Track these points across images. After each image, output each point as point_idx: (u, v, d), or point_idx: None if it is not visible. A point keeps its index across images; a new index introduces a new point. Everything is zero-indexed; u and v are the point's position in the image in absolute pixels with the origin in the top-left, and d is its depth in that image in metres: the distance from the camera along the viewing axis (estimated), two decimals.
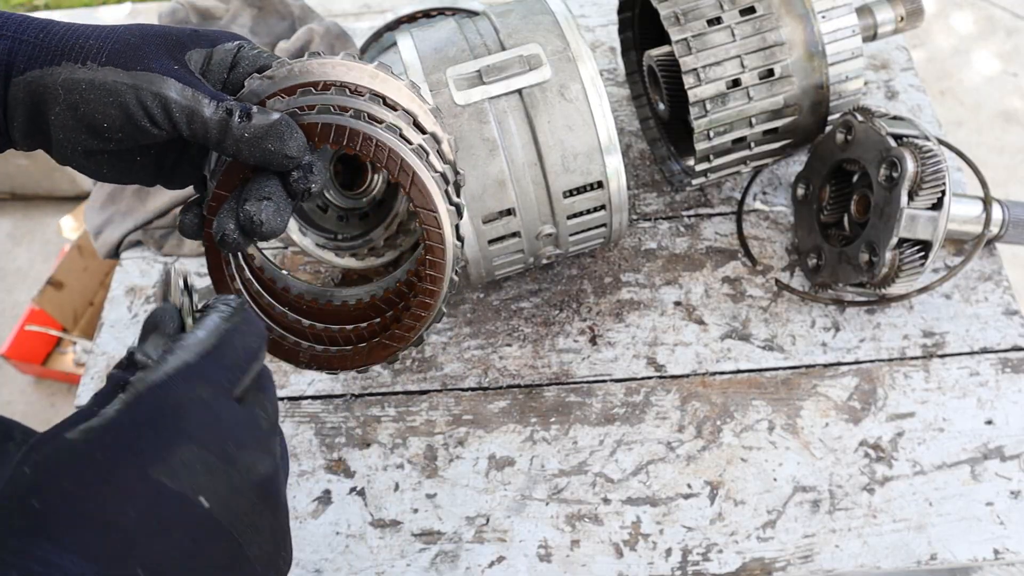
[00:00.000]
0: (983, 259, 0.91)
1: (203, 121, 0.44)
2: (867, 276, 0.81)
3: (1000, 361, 0.85)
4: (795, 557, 0.76)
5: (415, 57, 0.77)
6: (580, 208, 0.79)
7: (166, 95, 0.44)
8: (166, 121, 0.45)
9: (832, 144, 0.86)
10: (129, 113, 0.45)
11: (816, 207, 0.90)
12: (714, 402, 0.85)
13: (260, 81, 0.48)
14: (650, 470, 0.81)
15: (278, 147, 0.44)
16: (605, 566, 0.76)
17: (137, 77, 0.44)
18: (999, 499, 0.77)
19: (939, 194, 0.77)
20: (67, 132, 0.46)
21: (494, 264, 0.82)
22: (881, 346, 0.87)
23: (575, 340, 0.90)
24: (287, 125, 0.44)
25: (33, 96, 0.45)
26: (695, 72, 0.81)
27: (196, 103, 0.44)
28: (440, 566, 0.77)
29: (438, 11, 1.15)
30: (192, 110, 0.44)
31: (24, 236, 2.23)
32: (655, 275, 0.94)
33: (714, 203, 0.99)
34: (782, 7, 0.82)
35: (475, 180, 0.75)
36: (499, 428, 0.85)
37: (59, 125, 0.46)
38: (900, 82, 1.07)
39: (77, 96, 0.45)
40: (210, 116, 0.44)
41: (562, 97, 0.75)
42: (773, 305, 0.91)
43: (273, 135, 0.44)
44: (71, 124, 0.46)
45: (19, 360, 1.89)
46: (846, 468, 0.80)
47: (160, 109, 0.44)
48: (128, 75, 0.44)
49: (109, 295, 1.01)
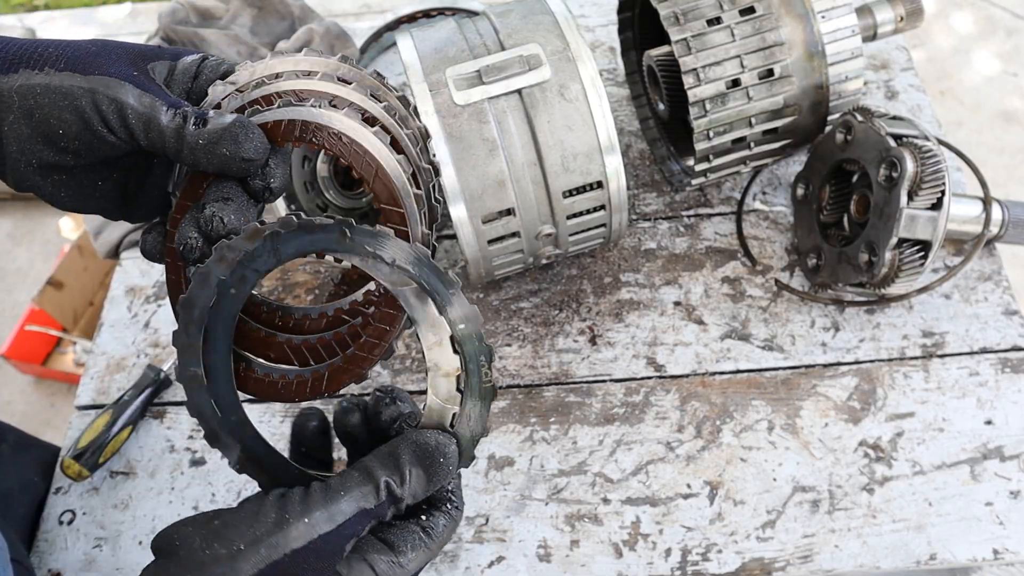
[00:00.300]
0: (983, 259, 0.91)
1: (159, 130, 0.43)
2: (867, 276, 0.81)
3: (1000, 361, 0.85)
4: (795, 557, 0.76)
5: (415, 57, 0.77)
6: (580, 208, 0.79)
7: (123, 100, 0.43)
8: (122, 128, 0.44)
9: (832, 144, 0.86)
10: (85, 118, 0.43)
11: (816, 207, 0.90)
12: (714, 402, 0.85)
13: (224, 86, 0.46)
14: (650, 470, 0.81)
15: (234, 151, 0.43)
16: (605, 566, 0.76)
17: (94, 81, 0.43)
18: (999, 499, 0.77)
19: (939, 194, 0.77)
20: (21, 143, 0.44)
21: (494, 264, 0.82)
22: (881, 346, 0.87)
23: (575, 340, 0.90)
24: (242, 126, 0.43)
25: None
26: (695, 72, 0.81)
27: (152, 110, 0.43)
28: (440, 566, 0.77)
29: (438, 11, 1.16)
30: (149, 117, 0.43)
31: (24, 236, 2.23)
32: (655, 275, 0.94)
33: (714, 203, 0.99)
34: (782, 7, 0.82)
35: (475, 180, 0.75)
36: (499, 428, 0.85)
37: (13, 136, 0.44)
38: (900, 82, 1.07)
39: (32, 101, 0.43)
40: (167, 124, 0.43)
41: (562, 97, 0.75)
42: (773, 305, 0.91)
43: (227, 138, 0.42)
44: (26, 133, 0.44)
45: (19, 360, 1.89)
46: (846, 468, 0.80)
47: (116, 115, 0.43)
48: (85, 79, 0.43)
49: (109, 295, 1.01)
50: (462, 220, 0.76)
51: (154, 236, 0.48)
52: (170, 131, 0.43)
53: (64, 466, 0.84)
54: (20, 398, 1.95)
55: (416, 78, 0.76)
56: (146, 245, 0.48)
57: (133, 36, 2.61)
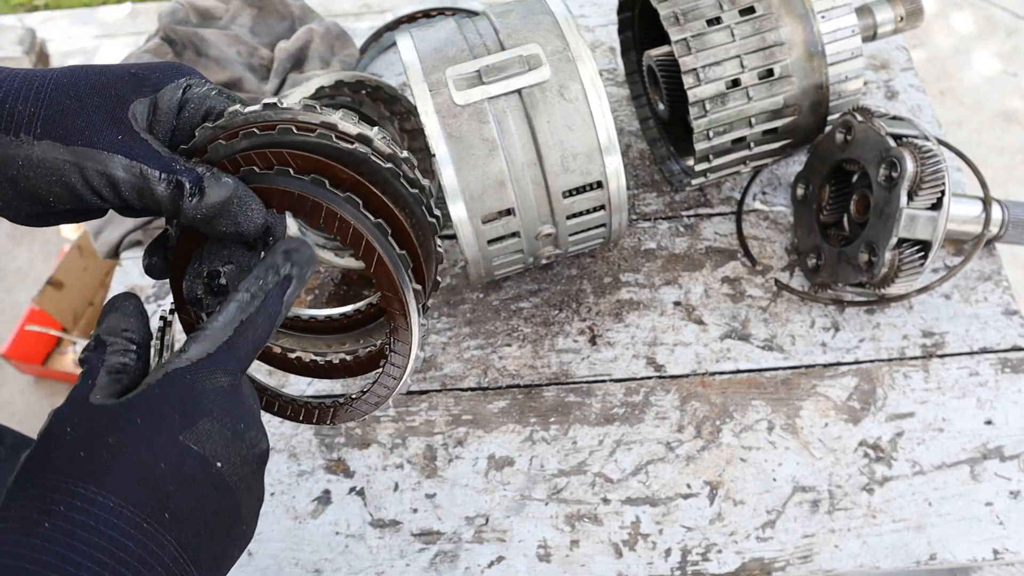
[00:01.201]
0: (983, 259, 0.91)
1: (155, 199, 0.42)
2: (867, 276, 0.81)
3: (1000, 361, 0.85)
4: (794, 557, 0.76)
5: (415, 57, 0.77)
6: (580, 208, 0.79)
7: (113, 174, 0.41)
8: (115, 198, 0.43)
9: (832, 144, 0.86)
10: (75, 191, 0.42)
11: (816, 207, 0.90)
12: (713, 402, 0.85)
13: (212, 130, 0.44)
14: (649, 470, 0.81)
15: (232, 228, 0.43)
16: (604, 566, 0.76)
17: (79, 154, 0.41)
18: (998, 499, 0.77)
19: (938, 194, 0.77)
20: (8, 200, 0.44)
21: (493, 264, 0.82)
22: (881, 346, 0.87)
23: (575, 340, 0.90)
24: (240, 203, 0.42)
25: None
26: (695, 72, 0.81)
27: (145, 180, 0.42)
28: (439, 566, 0.77)
29: (438, 11, 1.16)
30: (141, 187, 0.42)
31: (24, 236, 2.23)
32: (655, 275, 0.94)
33: (714, 203, 0.99)
34: (782, 7, 0.82)
35: (475, 180, 0.75)
36: (498, 428, 0.85)
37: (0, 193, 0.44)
38: (900, 82, 1.07)
39: (14, 171, 0.42)
40: (161, 193, 0.42)
41: (562, 97, 0.75)
42: (773, 305, 0.91)
43: (225, 215, 0.42)
44: (11, 194, 0.43)
45: (19, 360, 1.89)
46: (845, 468, 0.80)
47: (108, 188, 0.42)
48: (69, 151, 0.41)
49: (109, 295, 1.00)
50: (462, 220, 0.76)
51: (157, 260, 0.49)
52: (166, 199, 0.42)
53: None
54: (20, 398, 1.95)
55: (416, 78, 0.76)
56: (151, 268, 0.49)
57: (133, 36, 2.61)
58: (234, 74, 1.08)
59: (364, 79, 0.93)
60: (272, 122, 0.44)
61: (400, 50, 0.79)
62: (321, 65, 1.10)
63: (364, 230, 0.44)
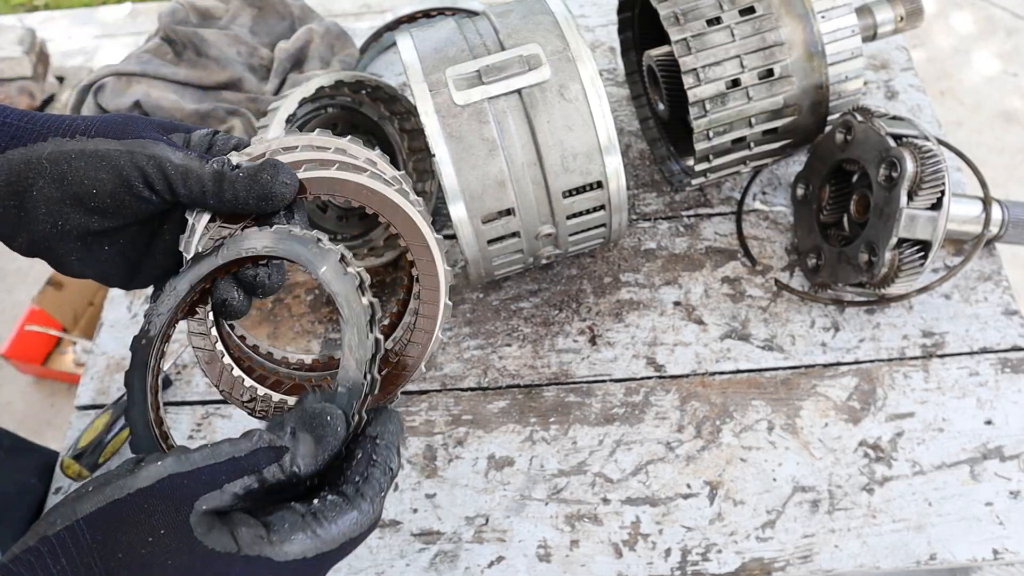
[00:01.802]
0: (983, 259, 0.91)
1: (198, 176, 0.46)
2: (867, 276, 0.81)
3: (1000, 361, 0.85)
4: (794, 557, 0.76)
5: (415, 57, 0.77)
6: (579, 208, 0.79)
7: (162, 155, 0.46)
8: (162, 182, 0.46)
9: (832, 144, 0.86)
10: (123, 176, 0.45)
11: (816, 207, 0.90)
12: (713, 402, 0.85)
13: (239, 156, 0.50)
14: (649, 470, 0.81)
15: (273, 176, 0.46)
16: (604, 566, 0.76)
17: (130, 144, 0.46)
18: (998, 499, 0.77)
19: (938, 194, 0.77)
20: (50, 205, 0.46)
21: (493, 264, 0.82)
22: (881, 346, 0.87)
23: (575, 340, 0.90)
24: (274, 163, 0.47)
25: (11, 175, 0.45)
26: (695, 72, 0.81)
27: (191, 161, 0.46)
28: (439, 566, 0.77)
29: (438, 11, 1.16)
30: (187, 168, 0.46)
31: None
32: (654, 275, 0.94)
33: (714, 203, 0.99)
34: (782, 7, 0.82)
35: (475, 180, 0.75)
36: (498, 428, 0.85)
37: (43, 199, 0.46)
38: (900, 82, 1.07)
39: (65, 166, 0.45)
40: (206, 170, 0.46)
41: (561, 97, 0.75)
42: (773, 305, 0.91)
43: (267, 168, 0.47)
44: (55, 196, 0.46)
45: (19, 360, 1.89)
46: (845, 468, 0.80)
47: (156, 170, 0.46)
48: (120, 143, 0.46)
49: (109, 295, 1.01)
50: (462, 220, 0.76)
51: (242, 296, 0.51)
52: (209, 175, 0.46)
53: (64, 466, 0.84)
54: (20, 398, 1.95)
55: (416, 78, 0.76)
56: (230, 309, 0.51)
57: (133, 36, 2.61)
58: (234, 74, 1.08)
59: (364, 79, 0.93)
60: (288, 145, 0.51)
61: (400, 50, 0.79)
62: (321, 65, 1.10)
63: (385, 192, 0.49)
